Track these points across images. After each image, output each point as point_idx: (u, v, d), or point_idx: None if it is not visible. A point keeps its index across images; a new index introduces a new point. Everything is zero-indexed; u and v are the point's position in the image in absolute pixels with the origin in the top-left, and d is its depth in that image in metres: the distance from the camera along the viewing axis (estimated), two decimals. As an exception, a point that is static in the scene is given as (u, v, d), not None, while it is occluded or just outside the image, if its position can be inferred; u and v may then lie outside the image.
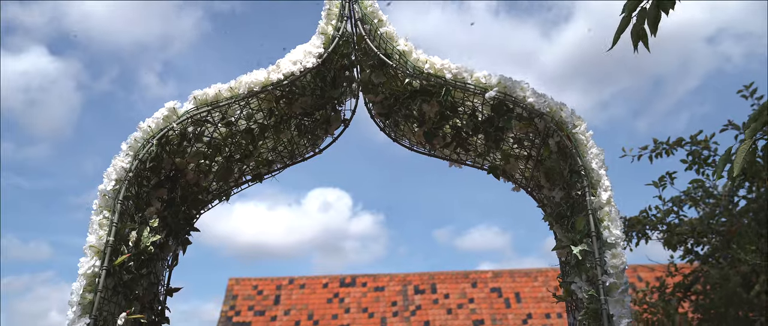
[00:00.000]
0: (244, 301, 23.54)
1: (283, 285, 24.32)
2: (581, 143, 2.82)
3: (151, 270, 3.19)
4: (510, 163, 3.36)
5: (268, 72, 3.07)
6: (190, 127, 3.13)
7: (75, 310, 2.67)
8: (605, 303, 2.65)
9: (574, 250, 2.82)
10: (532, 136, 3.14)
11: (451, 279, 23.97)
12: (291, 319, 22.80)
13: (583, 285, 2.83)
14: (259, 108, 3.24)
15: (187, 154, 3.22)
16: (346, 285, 24.03)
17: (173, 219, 3.32)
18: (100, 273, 2.74)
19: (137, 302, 3.08)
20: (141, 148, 2.95)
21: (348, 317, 22.57)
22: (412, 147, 3.65)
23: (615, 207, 2.75)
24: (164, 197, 3.20)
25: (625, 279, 2.69)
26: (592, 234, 2.75)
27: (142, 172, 3.02)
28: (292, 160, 3.70)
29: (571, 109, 2.90)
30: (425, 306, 22.79)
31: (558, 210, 3.15)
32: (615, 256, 2.67)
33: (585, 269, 2.82)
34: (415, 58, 3.05)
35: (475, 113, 3.16)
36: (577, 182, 2.87)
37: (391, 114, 3.45)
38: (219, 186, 3.59)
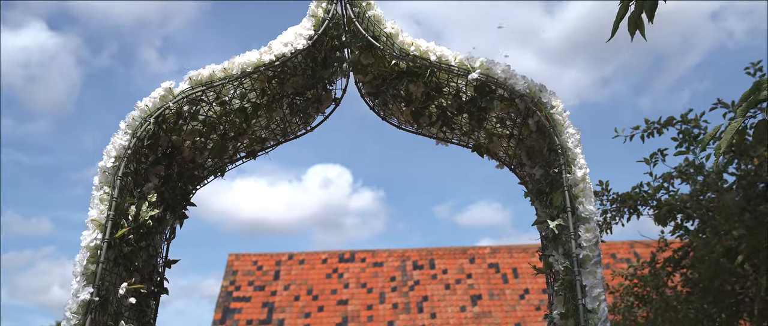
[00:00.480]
0: (244, 277, 23.87)
1: (282, 260, 24.63)
2: (558, 123, 2.98)
3: (149, 243, 3.38)
4: (493, 141, 3.53)
5: (260, 53, 3.23)
6: (185, 106, 3.29)
7: (79, 280, 2.86)
8: (579, 274, 2.84)
9: (551, 225, 3.00)
10: (514, 116, 3.30)
11: (450, 254, 24.25)
12: (290, 294, 23.13)
13: (560, 258, 3.01)
14: (252, 87, 3.41)
15: (183, 132, 3.39)
16: (345, 260, 24.34)
17: (170, 194, 3.50)
18: (101, 245, 2.93)
19: (137, 273, 3.27)
20: (139, 127, 3.12)
21: (347, 292, 22.90)
22: (400, 125, 3.81)
23: (589, 184, 2.93)
24: (162, 173, 3.38)
25: (598, 251, 2.87)
26: (568, 209, 2.93)
27: (141, 150, 3.20)
28: (284, 138, 3.86)
29: (550, 91, 3.06)
30: (423, 281, 23.11)
31: (538, 186, 3.32)
32: (588, 230, 2.85)
33: (561, 242, 3.00)
34: (401, 40, 3.20)
35: (460, 94, 3.32)
36: (555, 160, 3.04)
37: (380, 93, 3.61)
38: (214, 163, 3.77)
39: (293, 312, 22.10)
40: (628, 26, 2.66)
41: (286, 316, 22.03)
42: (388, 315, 21.71)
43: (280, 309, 22.29)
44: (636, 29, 2.66)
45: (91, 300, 2.86)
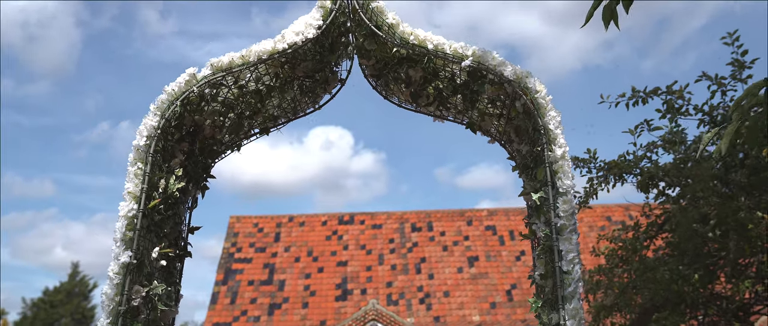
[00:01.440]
0: (245, 238, 24.44)
1: (283, 222, 25.18)
2: (541, 106, 3.38)
3: (175, 212, 3.80)
4: (485, 120, 3.93)
5: (274, 42, 3.61)
6: (207, 89, 3.68)
7: (118, 245, 3.28)
8: (556, 241, 3.27)
9: (534, 197, 3.42)
10: (503, 98, 3.70)
11: (447, 217, 24.80)
12: (291, 255, 23.73)
13: (541, 226, 3.44)
14: (266, 72, 3.79)
15: (204, 113, 3.78)
16: (344, 222, 24.89)
17: (193, 168, 3.91)
18: (137, 215, 3.35)
19: (166, 239, 3.70)
20: (166, 109, 3.52)
21: (346, 254, 23.50)
22: (400, 104, 4.20)
23: (568, 161, 3.34)
24: (186, 149, 3.78)
25: (574, 220, 3.29)
26: (548, 183, 3.35)
27: (168, 129, 3.59)
28: (294, 115, 4.26)
29: (536, 78, 3.45)
30: (422, 243, 23.70)
31: (524, 161, 3.74)
32: (565, 202, 3.27)
33: (543, 212, 3.43)
34: (401, 30, 3.58)
35: (454, 77, 3.71)
36: (538, 139, 3.44)
37: (382, 76, 4.00)
38: (231, 139, 4.17)
39: (294, 273, 22.73)
40: (603, 16, 2.76)
41: (286, 277, 22.66)
42: (386, 276, 22.36)
43: (280, 270, 22.91)
44: (610, 19, 2.81)
45: (130, 262, 3.30)
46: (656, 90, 6.92)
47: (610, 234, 7.25)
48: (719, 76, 6.67)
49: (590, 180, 6.69)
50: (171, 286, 3.76)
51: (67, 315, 38.88)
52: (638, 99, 6.93)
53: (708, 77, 6.79)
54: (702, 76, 6.85)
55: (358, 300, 21.36)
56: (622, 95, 7.02)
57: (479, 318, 20.83)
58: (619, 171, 6.70)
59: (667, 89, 6.86)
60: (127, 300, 3.28)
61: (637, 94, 6.95)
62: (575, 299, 3.20)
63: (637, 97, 6.94)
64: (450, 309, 21.15)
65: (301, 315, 21.20)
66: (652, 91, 6.92)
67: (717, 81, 6.64)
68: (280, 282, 22.44)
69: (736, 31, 6.66)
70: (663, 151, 6.71)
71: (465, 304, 21.29)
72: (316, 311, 21.38)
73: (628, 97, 6.98)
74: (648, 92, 6.91)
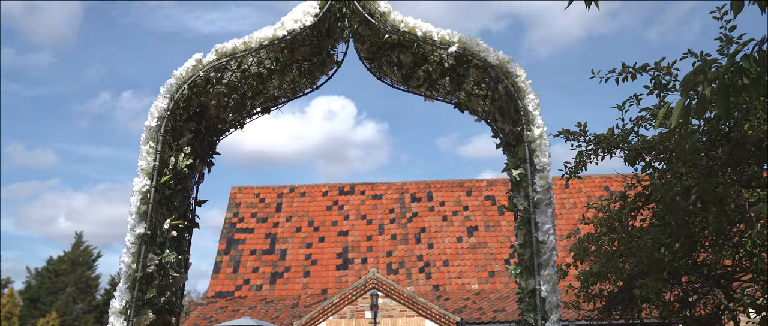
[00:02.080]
0: (246, 209, 24.88)
1: (284, 193, 25.59)
2: (521, 90, 3.69)
3: (184, 186, 4.14)
4: (471, 100, 4.24)
5: (274, 29, 3.91)
6: (212, 72, 3.99)
7: (134, 217, 3.63)
8: (534, 213, 3.61)
9: (514, 173, 3.75)
10: (488, 80, 4.00)
11: (447, 187, 25.19)
12: (292, 225, 24.19)
13: (521, 200, 3.78)
14: (267, 56, 4.10)
15: (209, 94, 4.10)
16: (345, 193, 25.30)
17: (200, 145, 4.24)
18: (150, 190, 3.69)
19: (176, 211, 4.04)
20: (175, 92, 3.83)
21: (347, 223, 23.95)
22: (393, 84, 4.51)
23: (545, 140, 3.66)
24: (193, 129, 4.11)
25: (550, 195, 3.63)
26: (527, 160, 3.67)
27: (176, 110, 3.91)
28: (294, 96, 4.57)
29: (516, 64, 3.76)
30: (421, 213, 24.12)
31: (507, 139, 4.06)
32: (542, 178, 3.60)
33: (522, 187, 3.76)
34: (393, 18, 3.87)
35: (442, 62, 4.02)
36: (519, 119, 3.76)
37: (375, 59, 4.31)
38: (234, 118, 4.49)
39: (295, 243, 23.21)
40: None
41: (288, 247, 23.14)
42: (386, 246, 22.82)
43: (282, 240, 23.38)
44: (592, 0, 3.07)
45: (144, 233, 3.65)
46: (645, 66, 7.19)
47: (598, 203, 7.59)
48: (705, 53, 6.94)
49: (579, 154, 7.01)
50: (181, 255, 4.11)
51: (72, 284, 39.59)
52: (628, 74, 7.21)
53: (693, 54, 7.07)
54: (687, 53, 7.13)
55: (358, 269, 21.86)
56: (612, 71, 7.30)
57: (478, 286, 21.33)
58: (608, 145, 7.02)
59: (655, 65, 7.13)
60: (142, 267, 3.63)
61: (626, 69, 7.23)
62: (550, 266, 3.55)
63: (627, 73, 7.21)
64: (449, 278, 21.65)
65: (302, 284, 21.72)
66: (641, 67, 7.20)
67: (702, 58, 6.91)
68: (282, 251, 22.91)
69: (724, 5, 6.89)
70: (651, 125, 7.02)
71: (464, 273, 21.77)
72: (317, 280, 21.89)
73: (618, 72, 7.26)
74: (637, 68, 7.19)
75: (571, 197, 23.62)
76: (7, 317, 25.67)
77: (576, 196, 23.57)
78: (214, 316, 19.41)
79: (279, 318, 19.06)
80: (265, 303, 20.77)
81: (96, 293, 41.92)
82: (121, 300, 3.54)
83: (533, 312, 3.54)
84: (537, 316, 3.49)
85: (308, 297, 21.01)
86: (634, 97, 7.35)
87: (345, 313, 17.80)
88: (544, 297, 3.47)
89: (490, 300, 20.19)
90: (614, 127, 7.29)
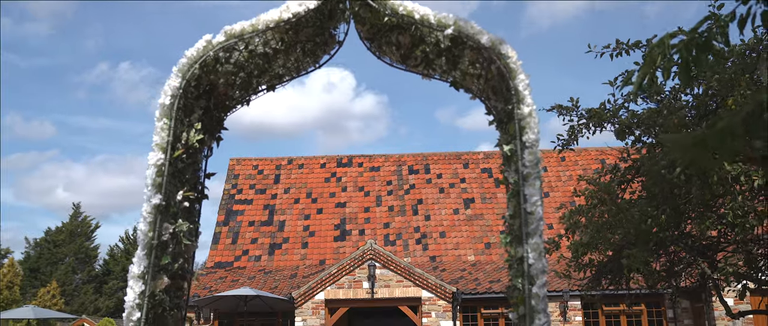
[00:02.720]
0: (245, 180, 25.18)
1: (282, 165, 25.88)
2: (513, 70, 3.96)
3: (194, 160, 4.42)
4: (466, 79, 4.51)
5: (280, 11, 4.16)
6: (221, 53, 4.25)
7: (150, 189, 3.92)
8: (523, 186, 3.90)
9: (505, 148, 4.03)
10: (482, 61, 4.27)
11: (444, 159, 25.50)
12: (291, 197, 24.52)
13: (511, 173, 4.07)
14: (273, 37, 4.35)
15: (218, 73, 4.35)
16: (343, 165, 25.60)
17: (209, 121, 4.51)
18: (164, 163, 3.97)
19: (187, 183, 4.33)
20: (187, 71, 4.09)
21: (345, 195, 24.29)
22: (392, 63, 4.77)
23: (534, 118, 3.94)
24: (203, 106, 4.38)
25: (538, 169, 3.91)
26: (517, 136, 3.95)
27: (188, 89, 4.18)
28: (297, 74, 4.83)
29: (508, 46, 4.02)
30: (419, 185, 24.46)
31: (499, 116, 4.33)
32: (531, 154, 3.88)
33: (513, 161, 4.05)
34: (392, 2, 4.12)
35: (439, 43, 4.27)
36: (510, 98, 4.03)
37: (375, 39, 4.56)
38: (241, 95, 4.75)
39: (293, 215, 23.57)
40: None
41: (286, 218, 23.50)
42: (384, 217, 23.20)
43: (280, 211, 23.74)
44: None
45: (160, 203, 3.93)
46: (638, 43, 7.45)
47: (589, 176, 7.90)
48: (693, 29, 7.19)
49: (571, 128, 7.30)
50: (192, 224, 4.41)
51: (71, 255, 40.07)
52: (621, 50, 7.47)
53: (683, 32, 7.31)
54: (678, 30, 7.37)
55: (356, 241, 22.25)
56: (607, 46, 7.56)
57: (474, 257, 21.76)
58: (599, 120, 7.30)
59: (647, 42, 7.39)
60: (158, 235, 3.93)
61: (620, 46, 7.48)
62: (537, 235, 3.85)
63: (621, 49, 7.47)
64: (446, 249, 22.06)
65: (300, 255, 22.12)
66: (634, 44, 7.45)
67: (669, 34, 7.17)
68: (280, 222, 23.28)
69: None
70: (641, 101, 7.29)
71: (460, 244, 22.18)
72: (315, 250, 22.29)
73: (613, 48, 7.52)
74: (630, 45, 7.44)
75: (568, 170, 23.97)
76: (8, 286, 26.13)
77: (572, 169, 23.91)
78: (214, 286, 19.83)
79: (278, 288, 19.48)
80: (264, 273, 21.19)
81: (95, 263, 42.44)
82: (139, 265, 3.84)
83: (521, 278, 3.85)
84: (524, 281, 3.80)
85: (306, 268, 21.43)
86: (626, 73, 7.61)
87: (343, 283, 18.22)
88: (531, 264, 3.77)
89: (486, 271, 20.62)
90: (606, 102, 7.56)
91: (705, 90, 7.02)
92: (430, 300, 18.10)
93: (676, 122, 6.97)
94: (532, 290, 3.76)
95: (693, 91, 7.21)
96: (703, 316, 17.56)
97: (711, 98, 7.00)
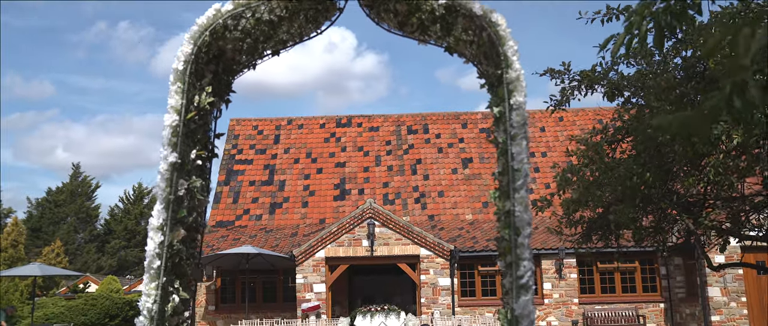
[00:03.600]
0: (245, 141, 25.53)
1: (282, 125, 26.20)
2: (502, 37, 4.28)
3: (205, 121, 4.77)
4: (460, 44, 4.83)
5: (284, -19, 4.45)
6: (229, 20, 4.56)
7: (166, 148, 4.27)
8: (510, 145, 4.25)
9: (495, 110, 4.38)
10: (474, 28, 4.58)
11: (443, 119, 25.80)
12: (291, 157, 24.90)
13: (501, 133, 4.42)
14: (278, 5, 4.65)
15: (227, 39, 4.67)
16: (342, 125, 25.91)
17: (218, 85, 4.85)
18: (179, 124, 4.32)
19: (199, 143, 4.68)
20: (198, 38, 4.41)
21: (344, 155, 24.66)
22: (389, 29, 5.08)
23: (522, 82, 4.27)
24: (212, 70, 4.71)
25: (524, 130, 4.26)
26: (506, 99, 4.29)
27: (199, 55, 4.50)
28: (300, 39, 5.15)
29: (499, 14, 4.33)
30: (418, 145, 24.82)
31: (490, 80, 4.67)
32: (518, 115, 4.23)
33: (502, 122, 4.40)
34: (390, -28, 4.42)
35: (434, 11, 4.58)
36: (500, 63, 4.36)
37: (374, 6, 4.87)
38: (247, 59, 5.07)
39: (293, 174, 23.98)
40: None
41: (286, 178, 23.92)
42: (383, 177, 23.62)
43: (280, 171, 24.15)
44: None
45: (176, 161, 4.29)
46: (628, 8, 7.72)
47: (579, 136, 8.26)
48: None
49: (563, 90, 7.63)
50: (204, 181, 4.78)
51: (72, 214, 40.65)
52: (612, 16, 7.76)
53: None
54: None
55: (355, 200, 22.71)
56: (598, 12, 7.84)
57: (472, 216, 22.24)
58: (590, 82, 7.62)
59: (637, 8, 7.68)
60: (174, 191, 4.30)
61: (611, 11, 7.77)
62: (523, 190, 4.22)
63: (611, 15, 7.76)
64: (444, 208, 22.54)
65: (301, 214, 22.60)
66: (624, 9, 7.73)
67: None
68: (281, 182, 23.71)
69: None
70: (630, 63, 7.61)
71: (458, 203, 22.64)
72: (315, 210, 22.77)
73: (603, 14, 7.80)
74: (620, 10, 7.73)
75: (566, 129, 24.31)
76: (12, 245, 26.68)
77: (570, 128, 24.26)
78: (216, 244, 20.34)
79: (279, 247, 19.99)
80: (265, 232, 21.69)
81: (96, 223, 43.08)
82: (158, 218, 4.22)
83: (508, 229, 4.23)
84: (511, 232, 4.19)
85: (307, 227, 21.93)
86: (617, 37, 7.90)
87: (343, 241, 18.72)
88: (517, 216, 4.15)
89: (483, 229, 21.12)
90: (597, 64, 7.88)
91: (693, 52, 7.33)
92: (428, 258, 18.62)
93: (665, 85, 7.30)
94: (518, 240, 4.15)
95: (681, 53, 7.51)
96: (694, 273, 18.11)
97: (698, 60, 7.31)
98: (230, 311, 20.12)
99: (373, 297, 20.37)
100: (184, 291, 4.49)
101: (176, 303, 4.40)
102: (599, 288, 19.62)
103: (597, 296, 19.54)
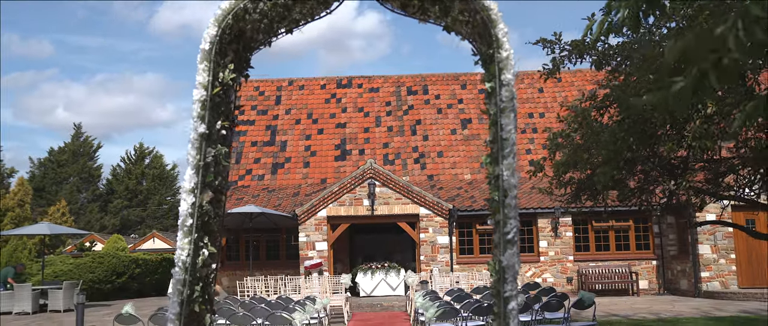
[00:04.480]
0: (246, 102, 26.06)
1: (283, 86, 26.72)
2: (494, 21, 4.86)
3: (228, 94, 5.37)
4: (457, 24, 5.40)
5: (298, -31, 5.01)
6: (249, 4, 5.13)
7: (196, 121, 4.88)
8: (499, 117, 4.87)
9: (487, 85, 4.98)
10: (469, 10, 5.16)
11: (442, 80, 26.32)
12: (292, 118, 25.48)
13: (492, 106, 5.03)
14: (292, -10, 5.21)
15: (246, 21, 5.25)
16: (342, 86, 26.43)
17: (238, 62, 5.44)
18: (207, 98, 4.92)
19: (223, 115, 5.30)
20: (222, 21, 4.99)
21: (345, 116, 25.24)
22: (393, 9, 5.65)
23: (511, 61, 4.86)
24: (234, 49, 5.29)
25: (513, 103, 4.87)
26: (497, 76, 4.89)
27: (223, 36, 5.08)
28: (312, 18, 5.72)
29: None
30: (417, 105, 25.39)
31: (484, 58, 5.26)
32: (507, 91, 4.83)
33: (493, 96, 5.00)
34: (393, -39, 4.97)
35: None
36: (491, 43, 4.95)
37: (379, -10, 5.43)
38: (263, 38, 5.66)
39: (295, 135, 24.59)
40: None
41: (288, 138, 24.54)
42: (383, 138, 24.24)
43: (282, 131, 24.75)
44: None
45: (204, 132, 4.91)
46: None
47: (569, 102, 8.86)
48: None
49: (554, 60, 8.20)
50: (227, 148, 5.41)
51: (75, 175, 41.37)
52: None
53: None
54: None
55: (356, 160, 23.36)
56: None
57: (470, 176, 22.93)
58: (579, 52, 8.20)
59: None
60: (203, 158, 4.93)
61: None
62: (511, 157, 4.85)
63: None
64: (443, 169, 23.21)
65: (302, 174, 23.27)
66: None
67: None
68: (282, 143, 24.32)
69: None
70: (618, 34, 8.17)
71: (457, 164, 23.31)
72: (316, 170, 23.43)
73: None
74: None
75: (563, 91, 24.84)
76: (19, 204, 27.41)
77: (568, 90, 24.79)
78: (220, 204, 21.03)
79: (281, 206, 20.71)
80: (268, 191, 22.39)
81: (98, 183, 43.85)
82: (190, 181, 4.86)
83: (497, 191, 4.87)
84: (500, 194, 4.83)
85: (308, 187, 22.62)
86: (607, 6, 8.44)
87: (344, 201, 19.42)
88: (505, 180, 4.79)
89: (482, 189, 21.82)
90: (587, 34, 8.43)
91: (677, 24, 7.89)
92: (427, 217, 19.36)
93: (648, 55, 7.87)
94: (505, 200, 4.79)
95: (666, 25, 8.07)
96: (686, 231, 18.87)
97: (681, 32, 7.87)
98: (235, 268, 20.94)
99: (373, 256, 21.18)
100: (211, 246, 5.16)
101: (205, 256, 5.07)
102: (594, 246, 20.41)
103: (591, 253, 20.35)
